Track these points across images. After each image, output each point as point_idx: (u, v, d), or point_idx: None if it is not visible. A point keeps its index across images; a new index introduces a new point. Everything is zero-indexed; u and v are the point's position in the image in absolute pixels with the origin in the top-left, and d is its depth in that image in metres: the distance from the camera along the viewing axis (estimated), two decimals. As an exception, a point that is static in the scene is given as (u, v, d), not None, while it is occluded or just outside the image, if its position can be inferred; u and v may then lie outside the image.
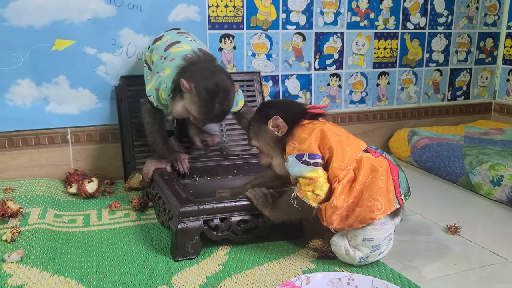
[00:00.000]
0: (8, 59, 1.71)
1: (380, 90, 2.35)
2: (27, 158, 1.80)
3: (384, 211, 1.13)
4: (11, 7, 1.68)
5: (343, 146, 1.18)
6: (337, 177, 1.16)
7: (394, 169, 1.18)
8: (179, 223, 1.23)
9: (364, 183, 1.14)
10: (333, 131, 1.20)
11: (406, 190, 1.19)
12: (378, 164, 1.16)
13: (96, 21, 1.79)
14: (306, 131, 1.21)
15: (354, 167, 1.17)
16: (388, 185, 1.15)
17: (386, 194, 1.14)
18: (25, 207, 1.51)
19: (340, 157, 1.17)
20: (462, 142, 2.06)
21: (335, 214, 1.14)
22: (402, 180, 1.19)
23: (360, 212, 1.13)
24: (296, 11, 2.09)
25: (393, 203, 1.14)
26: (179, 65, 1.45)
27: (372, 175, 1.14)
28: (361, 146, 1.22)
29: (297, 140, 1.20)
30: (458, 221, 1.47)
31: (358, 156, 1.18)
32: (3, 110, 1.74)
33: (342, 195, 1.14)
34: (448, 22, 2.42)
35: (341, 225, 1.16)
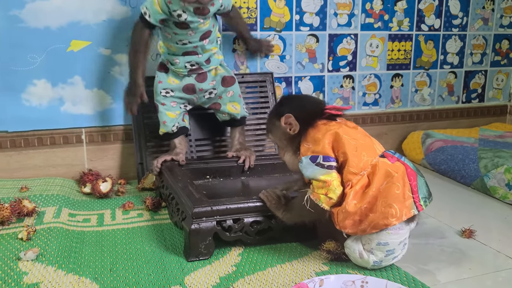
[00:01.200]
0: (24, 60, 1.74)
1: (394, 92, 2.33)
2: (43, 157, 1.82)
3: (399, 217, 1.11)
4: (28, 8, 1.70)
5: (358, 151, 1.16)
6: (350, 181, 1.15)
7: (411, 174, 1.15)
8: (192, 223, 1.23)
9: (378, 189, 1.12)
10: (349, 134, 1.18)
11: (426, 196, 1.16)
12: (394, 169, 1.14)
13: (111, 22, 1.81)
14: (320, 132, 1.19)
15: (369, 172, 1.15)
16: (405, 191, 1.12)
17: (402, 201, 1.11)
18: (40, 206, 1.53)
19: (354, 162, 1.15)
20: (477, 145, 2.04)
21: (348, 219, 1.14)
22: (421, 185, 1.16)
23: (373, 218, 1.11)
24: (310, 13, 2.09)
25: (410, 209, 1.12)
26: None
27: (386, 181, 1.12)
28: (377, 151, 1.20)
29: (311, 141, 1.20)
30: (473, 224, 1.45)
31: (373, 161, 1.16)
32: (20, 110, 1.76)
33: (354, 200, 1.13)
34: (463, 24, 2.40)
35: (354, 230, 1.15)
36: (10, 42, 1.71)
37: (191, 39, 1.60)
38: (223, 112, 1.75)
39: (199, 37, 1.61)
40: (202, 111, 1.83)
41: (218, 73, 1.70)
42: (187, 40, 1.60)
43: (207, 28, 1.61)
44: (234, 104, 1.74)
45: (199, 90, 1.68)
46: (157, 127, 1.70)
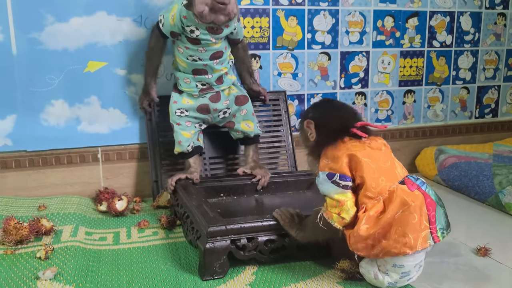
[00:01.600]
0: (43, 81, 1.78)
1: (406, 108, 2.34)
2: (60, 176, 1.85)
3: (413, 247, 1.09)
4: (46, 31, 1.75)
5: (377, 175, 1.15)
6: (365, 205, 1.14)
7: (430, 204, 1.13)
8: (207, 242, 1.24)
9: (393, 216, 1.10)
10: (370, 157, 1.16)
11: (444, 227, 1.14)
12: (412, 198, 1.12)
13: (127, 43, 1.85)
14: (340, 151, 1.18)
15: (385, 198, 1.14)
16: (422, 221, 1.10)
17: (419, 230, 1.10)
18: (57, 224, 1.56)
19: (372, 186, 1.14)
20: (491, 161, 2.03)
21: (360, 242, 1.13)
22: (440, 216, 1.14)
23: (386, 245, 1.10)
24: (322, 31, 2.11)
25: (426, 240, 1.10)
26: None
27: (402, 209, 1.10)
28: (398, 176, 1.18)
29: (330, 158, 1.19)
30: (488, 242, 1.45)
31: (391, 188, 1.14)
32: (38, 130, 1.80)
33: (366, 224, 1.13)
34: (475, 40, 2.40)
35: (366, 253, 1.14)
36: (29, 64, 1.75)
37: (202, 56, 1.63)
38: (237, 130, 1.77)
39: (210, 56, 1.64)
40: (215, 129, 1.85)
41: (231, 93, 1.73)
42: (197, 56, 1.63)
43: (219, 48, 1.65)
44: (248, 122, 1.76)
45: (213, 110, 1.71)
46: (172, 145, 1.73)
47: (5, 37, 1.72)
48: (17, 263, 1.32)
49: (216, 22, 1.54)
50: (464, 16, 2.35)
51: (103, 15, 1.80)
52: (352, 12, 2.14)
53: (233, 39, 1.72)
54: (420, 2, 2.25)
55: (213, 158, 1.90)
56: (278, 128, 1.99)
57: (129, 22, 1.84)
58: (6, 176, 1.80)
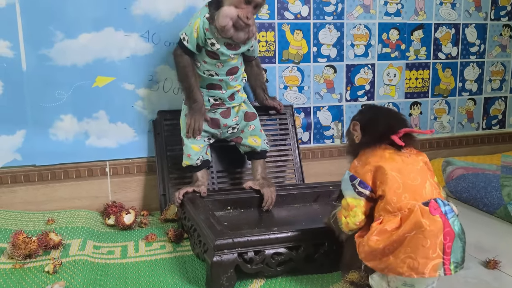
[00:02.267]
0: (52, 96, 1.81)
1: (413, 120, 2.34)
2: (68, 190, 1.87)
3: (420, 272, 1.05)
4: (56, 47, 1.78)
5: (401, 190, 1.12)
6: (382, 217, 1.12)
7: (449, 234, 1.07)
8: (214, 255, 1.25)
9: (405, 236, 1.07)
10: (400, 171, 1.13)
11: (459, 261, 1.08)
12: (429, 222, 1.07)
13: (134, 58, 1.88)
14: (373, 158, 1.17)
15: (403, 215, 1.10)
16: (435, 249, 1.06)
17: (428, 257, 1.05)
18: (66, 238, 1.57)
19: (393, 200, 1.11)
20: (499, 172, 2.02)
21: (369, 253, 1.12)
22: (457, 249, 1.08)
23: (393, 262, 1.08)
24: (327, 44, 2.13)
25: (436, 269, 1.05)
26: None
27: (416, 231, 1.06)
28: (425, 196, 1.12)
29: (362, 161, 1.18)
30: (498, 255, 1.43)
31: (412, 205, 1.09)
32: (47, 145, 1.82)
33: (377, 237, 1.11)
34: (481, 51, 2.41)
35: (373, 265, 1.13)
36: (39, 80, 1.78)
37: (218, 71, 1.65)
38: (244, 145, 1.78)
39: (226, 71, 1.66)
40: (223, 143, 1.86)
41: (240, 109, 1.75)
42: (214, 71, 1.65)
43: (235, 64, 1.67)
44: (255, 137, 1.77)
45: (223, 125, 1.72)
46: (180, 159, 1.74)
47: (16, 54, 1.75)
48: (25, 277, 1.32)
49: (235, 39, 1.57)
50: (469, 28, 2.36)
51: (111, 31, 1.83)
52: (357, 25, 2.16)
53: (249, 56, 1.75)
54: (425, 15, 2.26)
55: (221, 171, 1.91)
56: (285, 141, 2.00)
57: (137, 37, 1.87)
58: (16, 191, 1.82)
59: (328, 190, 1.78)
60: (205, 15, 1.59)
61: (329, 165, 2.19)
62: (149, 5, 1.86)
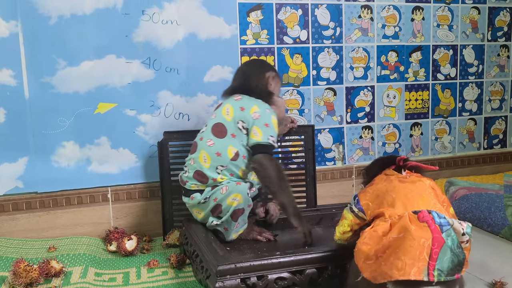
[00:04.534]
0: (54, 123, 1.82)
1: (414, 140, 2.34)
2: (70, 216, 1.86)
3: (405, 273, 1.05)
4: (58, 75, 1.81)
5: (394, 203, 1.21)
6: (373, 224, 1.19)
7: (437, 240, 1.09)
8: (216, 281, 1.23)
9: (394, 239, 1.12)
10: (395, 189, 1.25)
11: (443, 271, 1.08)
12: (415, 227, 1.11)
13: (136, 85, 1.89)
14: (379, 183, 1.31)
15: (393, 221, 1.16)
16: (422, 252, 1.07)
17: (415, 258, 1.07)
18: (67, 266, 1.55)
19: (387, 212, 1.20)
20: (502, 192, 2.01)
21: (364, 262, 1.13)
22: (444, 257, 1.09)
23: (383, 268, 1.09)
24: (326, 68, 2.15)
25: (421, 272, 1.06)
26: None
27: (403, 234, 1.11)
28: (417, 207, 1.18)
29: (369, 185, 1.34)
30: (504, 276, 1.42)
31: (402, 213, 1.16)
32: (49, 172, 1.83)
33: (368, 241, 1.15)
34: (479, 72, 2.42)
35: (369, 275, 1.13)
36: (41, 107, 1.80)
37: None
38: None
39: None
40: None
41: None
42: None
43: None
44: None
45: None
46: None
47: (18, 82, 1.77)
48: (26, 306, 1.31)
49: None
50: (467, 49, 2.38)
51: (113, 58, 1.86)
52: (356, 48, 2.18)
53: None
54: (423, 37, 2.29)
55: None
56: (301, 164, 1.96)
57: (138, 64, 1.89)
58: (17, 218, 1.81)
59: (330, 213, 1.77)
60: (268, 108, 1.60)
61: (331, 187, 2.18)
62: (150, 32, 1.88)
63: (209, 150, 1.56)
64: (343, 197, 2.16)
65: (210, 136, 1.58)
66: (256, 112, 1.56)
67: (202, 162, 1.57)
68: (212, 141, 1.57)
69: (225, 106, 1.61)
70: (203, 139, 1.59)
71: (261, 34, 2.04)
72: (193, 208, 1.62)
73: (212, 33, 1.96)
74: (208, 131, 1.59)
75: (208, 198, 1.56)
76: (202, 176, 1.57)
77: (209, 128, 1.60)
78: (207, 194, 1.56)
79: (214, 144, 1.56)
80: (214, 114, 1.63)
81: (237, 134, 1.56)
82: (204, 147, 1.57)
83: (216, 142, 1.56)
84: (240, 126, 1.56)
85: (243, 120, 1.56)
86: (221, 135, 1.56)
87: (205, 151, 1.57)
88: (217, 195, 1.54)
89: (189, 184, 1.59)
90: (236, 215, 1.53)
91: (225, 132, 1.56)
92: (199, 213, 1.61)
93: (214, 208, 1.55)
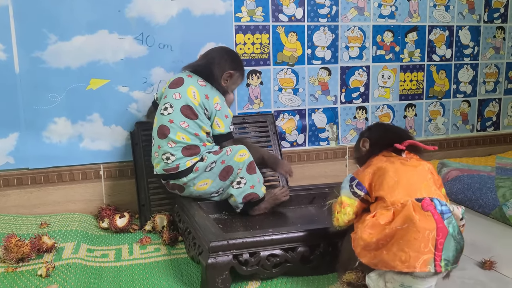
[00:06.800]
0: (46, 99, 1.80)
1: (408, 121, 2.34)
2: (62, 193, 1.85)
3: (410, 266, 1.06)
4: (49, 50, 1.78)
5: (394, 187, 1.15)
6: (376, 211, 1.14)
7: (441, 230, 1.08)
8: (209, 257, 1.23)
9: (398, 229, 1.09)
10: (396, 171, 1.18)
11: (450, 260, 1.08)
12: (420, 217, 1.08)
13: (128, 61, 1.87)
14: (375, 161, 1.24)
15: (396, 209, 1.12)
16: (427, 243, 1.06)
17: (419, 251, 1.06)
18: (59, 241, 1.55)
19: (387, 197, 1.15)
20: (494, 174, 2.02)
21: (363, 248, 1.13)
22: (449, 246, 1.09)
23: (386, 257, 1.09)
24: (322, 47, 2.13)
25: (427, 264, 1.06)
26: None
27: (407, 224, 1.08)
28: (419, 194, 1.14)
29: (365, 166, 1.26)
30: (494, 255, 1.43)
31: (405, 200, 1.12)
32: (41, 148, 1.81)
33: (370, 230, 1.13)
34: (475, 53, 2.42)
35: (367, 261, 1.13)
36: (32, 82, 1.77)
37: None
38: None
39: None
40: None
41: None
42: None
43: None
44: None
45: None
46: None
47: (8, 56, 1.74)
48: (18, 281, 1.31)
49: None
50: (463, 30, 2.37)
51: (105, 33, 1.83)
52: (352, 27, 2.16)
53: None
54: (419, 17, 2.27)
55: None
56: (268, 149, 1.97)
57: (131, 40, 1.86)
58: (8, 194, 1.80)
59: (323, 192, 1.77)
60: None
61: (324, 167, 2.18)
62: (143, 8, 1.85)
63: (185, 131, 1.60)
64: (336, 177, 2.16)
65: (182, 118, 1.60)
66: (218, 104, 1.65)
67: (182, 140, 1.59)
68: (186, 123, 1.60)
69: (189, 88, 1.63)
70: (175, 121, 1.60)
71: (256, 11, 2.01)
72: (198, 182, 1.61)
73: (206, 9, 1.93)
74: (177, 112, 1.61)
75: (215, 162, 1.59)
76: (192, 148, 1.60)
77: (178, 109, 1.61)
78: (213, 159, 1.59)
79: (189, 126, 1.60)
80: (178, 94, 1.62)
81: (203, 118, 1.63)
82: (179, 129, 1.60)
83: (190, 123, 1.61)
84: (205, 112, 1.64)
85: (207, 108, 1.64)
86: (193, 117, 1.61)
87: (181, 133, 1.59)
88: (223, 157, 1.60)
89: (183, 164, 1.59)
90: (251, 168, 1.61)
91: (196, 115, 1.61)
92: (206, 184, 1.61)
93: (224, 170, 1.60)
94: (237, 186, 1.61)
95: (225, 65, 1.69)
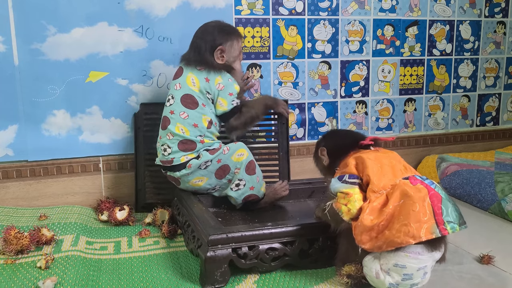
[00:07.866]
0: (45, 91, 1.79)
1: (407, 116, 2.34)
2: (61, 186, 1.85)
3: (416, 236, 1.09)
4: (48, 42, 1.77)
5: (380, 171, 1.21)
6: (369, 198, 1.19)
7: (435, 196, 1.14)
8: (208, 251, 1.24)
9: (395, 207, 1.14)
10: (376, 158, 1.25)
11: (456, 221, 1.13)
12: (413, 190, 1.14)
13: (128, 53, 1.86)
14: (350, 157, 1.29)
15: (388, 192, 1.18)
16: (425, 211, 1.11)
17: (421, 220, 1.10)
18: (58, 234, 1.55)
19: (375, 181, 1.20)
20: (493, 169, 2.02)
21: (365, 234, 1.15)
22: (448, 208, 1.13)
23: (389, 235, 1.11)
24: (322, 40, 2.12)
25: (431, 231, 1.09)
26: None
27: (403, 199, 1.13)
28: (403, 174, 1.23)
29: (342, 166, 1.29)
30: (492, 250, 1.44)
31: (394, 182, 1.19)
32: (40, 141, 1.81)
33: (370, 215, 1.15)
34: (475, 48, 2.41)
35: (370, 246, 1.15)
36: (31, 75, 1.76)
37: None
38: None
39: None
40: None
41: None
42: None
43: None
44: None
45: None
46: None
47: (7, 48, 1.73)
48: (17, 272, 1.31)
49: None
50: (463, 25, 2.36)
51: (105, 25, 1.82)
52: (352, 21, 2.16)
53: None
54: (420, 11, 2.26)
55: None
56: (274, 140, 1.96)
57: (130, 32, 1.85)
58: (7, 186, 1.80)
59: (322, 186, 1.76)
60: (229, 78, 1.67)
61: (324, 162, 2.18)
62: (143, 0, 1.84)
63: (185, 122, 1.58)
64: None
65: (182, 109, 1.59)
66: (220, 83, 1.62)
67: (181, 133, 1.58)
68: (186, 113, 1.59)
69: (188, 75, 1.62)
70: (175, 112, 1.60)
71: (256, 4, 2.00)
72: (193, 178, 1.60)
73: (206, 2, 1.93)
74: (178, 103, 1.60)
75: (210, 161, 1.57)
76: (188, 143, 1.58)
77: (178, 100, 1.60)
78: (208, 158, 1.57)
79: (189, 116, 1.59)
80: (178, 85, 1.62)
81: (207, 104, 1.61)
82: (179, 120, 1.59)
83: (190, 113, 1.59)
84: (208, 96, 1.61)
85: (208, 91, 1.61)
86: (193, 106, 1.59)
87: (181, 124, 1.58)
88: (220, 156, 1.58)
89: (177, 159, 1.58)
90: (251, 168, 1.59)
91: (196, 103, 1.59)
92: (201, 181, 1.60)
93: (220, 169, 1.58)
94: (236, 188, 1.59)
95: (210, 44, 1.61)
